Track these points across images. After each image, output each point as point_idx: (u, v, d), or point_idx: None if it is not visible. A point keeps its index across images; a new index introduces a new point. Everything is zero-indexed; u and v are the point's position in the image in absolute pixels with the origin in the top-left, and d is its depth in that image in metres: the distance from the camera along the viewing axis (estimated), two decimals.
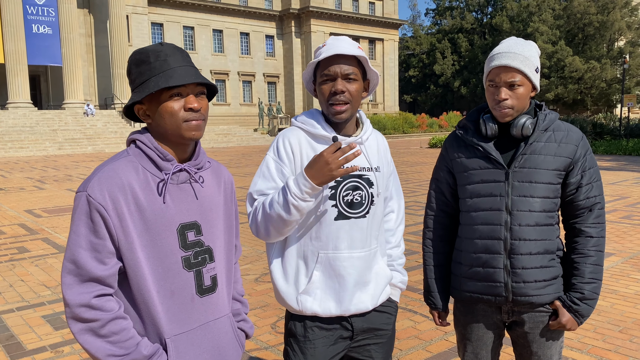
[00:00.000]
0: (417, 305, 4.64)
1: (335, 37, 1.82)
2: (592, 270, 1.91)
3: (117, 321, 1.38)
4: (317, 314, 1.81)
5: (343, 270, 1.80)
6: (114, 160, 1.45)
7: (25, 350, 3.87)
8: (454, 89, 64.88)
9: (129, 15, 43.50)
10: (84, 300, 1.35)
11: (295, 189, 1.65)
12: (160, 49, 1.46)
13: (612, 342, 3.78)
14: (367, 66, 1.83)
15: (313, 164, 1.64)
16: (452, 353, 3.66)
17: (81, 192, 1.39)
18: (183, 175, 1.50)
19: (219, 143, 35.94)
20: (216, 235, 1.57)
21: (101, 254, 1.37)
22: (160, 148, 1.46)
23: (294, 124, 1.87)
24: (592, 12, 52.58)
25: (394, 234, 2.03)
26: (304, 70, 1.87)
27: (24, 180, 16.28)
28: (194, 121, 1.46)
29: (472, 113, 2.07)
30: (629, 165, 16.62)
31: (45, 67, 41.90)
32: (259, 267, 6.00)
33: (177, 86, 1.43)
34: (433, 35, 70.99)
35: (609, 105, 56.51)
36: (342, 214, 1.79)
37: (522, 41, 1.91)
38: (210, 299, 1.54)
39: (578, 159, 1.91)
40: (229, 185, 1.67)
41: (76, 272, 1.37)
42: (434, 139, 29.40)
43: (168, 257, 1.45)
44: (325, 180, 1.63)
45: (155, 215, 1.43)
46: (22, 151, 28.90)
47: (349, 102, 1.77)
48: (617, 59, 54.22)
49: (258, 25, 54.26)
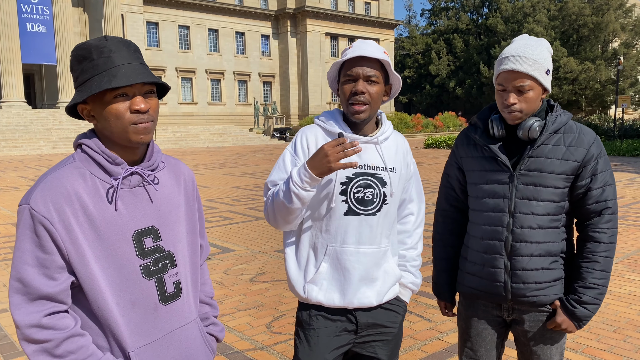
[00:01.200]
0: (413, 305, 4.64)
1: (363, 40, 1.88)
2: (596, 275, 1.88)
3: (74, 339, 1.29)
4: (321, 303, 1.86)
5: (349, 264, 1.85)
6: (58, 168, 1.34)
7: (18, 350, 3.85)
8: (450, 89, 65.01)
9: (124, 14, 43.33)
10: (33, 321, 1.26)
11: (296, 178, 1.71)
12: (104, 44, 1.34)
13: (606, 342, 3.79)
14: (390, 71, 1.88)
15: (314, 155, 1.70)
16: (447, 353, 3.66)
17: (24, 204, 1.29)
18: (135, 179, 1.40)
19: (214, 143, 35.87)
20: (177, 238, 1.50)
21: (49, 270, 1.28)
22: (108, 152, 1.36)
23: (315, 122, 1.96)
24: (587, 13, 52.81)
25: (411, 235, 2.06)
26: (329, 70, 1.92)
27: (17, 179, 16.19)
28: (142, 124, 1.34)
29: (484, 111, 2.06)
30: (622, 166, 16.70)
31: (40, 65, 41.69)
32: (253, 267, 5.99)
33: (121, 87, 1.31)
34: (428, 35, 71.12)
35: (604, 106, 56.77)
36: (352, 210, 1.85)
37: (533, 42, 1.86)
38: (174, 306, 1.47)
39: (588, 162, 1.87)
40: (189, 182, 1.59)
41: (24, 291, 1.27)
42: (429, 139, 29.44)
43: (125, 267, 1.36)
44: (324, 172, 1.68)
45: (107, 223, 1.34)
46: (16, 150, 28.75)
47: (369, 103, 1.82)
48: (612, 60, 54.48)
49: (254, 25, 54.18)
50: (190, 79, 49.63)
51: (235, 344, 3.89)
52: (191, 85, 49.73)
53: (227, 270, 5.88)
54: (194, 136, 36.52)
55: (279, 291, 5.11)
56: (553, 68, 52.47)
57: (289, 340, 3.93)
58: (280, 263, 6.15)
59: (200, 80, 50.23)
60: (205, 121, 48.91)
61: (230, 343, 3.91)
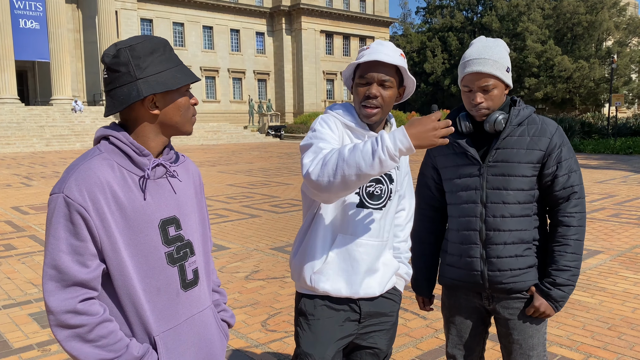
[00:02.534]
0: (408, 303, 4.64)
1: (380, 42, 1.87)
2: (568, 258, 1.98)
3: (105, 324, 1.35)
4: (328, 292, 1.89)
5: (358, 255, 1.89)
6: (86, 159, 1.40)
7: (11, 348, 3.82)
8: (444, 87, 65.09)
9: (118, 10, 43.09)
10: (69, 307, 1.31)
11: (389, 142, 1.55)
12: (166, 42, 1.48)
13: (600, 340, 3.80)
14: (405, 74, 1.89)
15: (417, 124, 1.57)
16: (442, 351, 3.66)
17: (57, 193, 1.34)
18: (160, 170, 1.49)
19: (208, 140, 35.77)
20: (194, 228, 1.58)
21: (83, 257, 1.34)
22: (136, 144, 1.43)
23: (329, 113, 1.93)
24: (581, 12, 52.97)
25: (403, 229, 2.12)
26: (344, 69, 1.93)
27: (10, 176, 16.09)
28: (194, 116, 1.53)
29: (453, 112, 2.18)
30: (616, 164, 16.78)
31: (33, 62, 41.42)
32: (248, 265, 5.97)
33: (193, 82, 1.48)
34: (423, 33, 71.15)
35: (597, 104, 57.00)
36: (362, 203, 1.88)
37: (491, 42, 1.99)
38: (193, 292, 1.55)
39: (552, 150, 1.99)
40: (197, 177, 1.67)
41: (58, 278, 1.33)
42: None
43: (152, 254, 1.43)
44: (425, 144, 1.57)
45: (136, 212, 1.41)
46: (8, 147, 28.56)
47: (381, 106, 1.84)
48: (606, 59, 54.68)
49: (248, 22, 54.04)
50: None
51: (231, 342, 3.88)
52: None
53: (222, 268, 5.86)
54: None
55: (274, 289, 5.10)
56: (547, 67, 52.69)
57: (284, 338, 3.92)
58: (275, 261, 6.13)
59: None
60: (199, 118, 48.75)
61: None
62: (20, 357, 3.66)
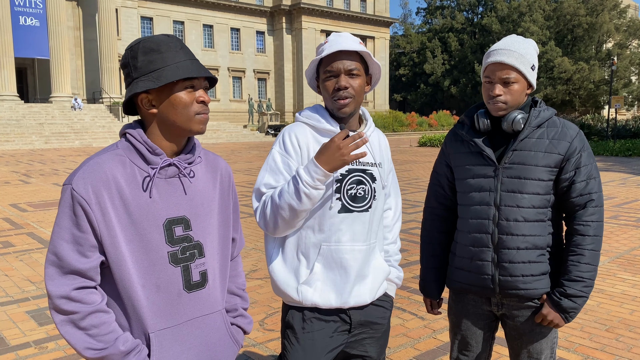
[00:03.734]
0: (406, 303, 4.64)
1: (337, 33, 1.84)
2: (582, 268, 1.90)
3: (98, 314, 1.39)
4: (317, 305, 1.82)
5: (345, 262, 1.82)
6: (101, 154, 1.44)
7: (8, 346, 3.81)
8: (444, 88, 65.12)
9: (118, 8, 43.07)
10: (63, 292, 1.36)
11: (306, 176, 1.65)
12: (169, 40, 1.46)
13: (598, 341, 3.80)
14: (369, 60, 1.86)
15: (324, 150, 1.65)
16: (440, 351, 3.65)
17: (67, 184, 1.39)
18: (172, 170, 1.48)
19: (208, 139, 35.76)
20: (208, 230, 1.55)
21: (83, 247, 1.38)
22: (149, 142, 1.44)
23: (298, 119, 1.90)
24: (582, 13, 53.04)
25: (391, 230, 2.06)
26: (307, 68, 1.89)
27: (9, 174, 16.07)
28: (204, 114, 1.47)
29: (471, 109, 2.11)
30: (615, 166, 16.79)
31: (33, 59, 41.37)
32: (247, 264, 5.97)
33: (193, 78, 1.43)
34: (424, 34, 71.18)
35: (597, 106, 57.07)
36: (346, 207, 1.82)
37: (521, 39, 1.93)
38: (199, 294, 1.52)
39: (571, 155, 1.91)
40: (226, 177, 1.65)
41: (58, 264, 1.38)
42: (423, 137, 29.47)
43: (153, 252, 1.44)
44: (337, 166, 1.65)
45: (141, 209, 1.42)
46: (7, 144, 28.53)
47: (352, 97, 1.80)
48: (606, 61, 54.76)
49: (249, 21, 54.04)
50: None
51: None
52: None
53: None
54: None
55: (272, 288, 5.09)
56: (547, 68, 52.71)
57: None
58: None
59: None
60: None
61: None
62: (17, 355, 3.65)
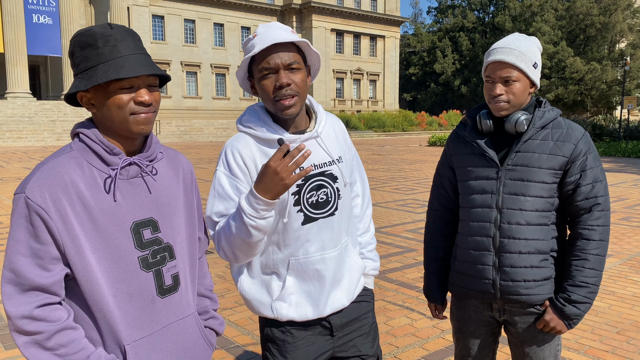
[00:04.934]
0: (414, 303, 4.63)
1: (266, 24, 1.63)
2: (586, 274, 1.85)
3: (65, 332, 1.27)
4: (294, 319, 1.71)
5: (317, 273, 1.71)
6: (55, 157, 1.31)
7: None
8: (455, 87, 64.82)
9: (129, 7, 43.33)
10: (25, 312, 1.23)
11: (249, 209, 1.48)
12: (109, 32, 1.30)
13: (609, 344, 3.77)
14: (307, 50, 1.67)
15: (261, 177, 1.46)
16: (448, 351, 3.64)
17: (19, 193, 1.25)
18: (133, 169, 1.37)
19: (218, 137, 35.90)
20: (176, 230, 1.46)
21: (43, 260, 1.25)
22: (106, 141, 1.33)
23: (240, 129, 1.70)
24: (594, 13, 52.51)
25: (362, 219, 1.93)
26: (237, 69, 1.68)
27: (21, 170, 16.23)
28: (143, 114, 1.32)
29: (474, 110, 2.06)
30: (627, 167, 16.62)
31: (45, 57, 41.74)
32: None
33: (128, 78, 1.28)
34: (434, 33, 70.88)
35: (609, 107, 56.51)
36: (309, 217, 1.67)
37: (522, 37, 1.88)
38: (172, 299, 1.44)
39: (576, 158, 1.85)
40: (188, 174, 1.55)
41: (16, 282, 1.24)
42: (433, 137, 29.37)
43: (123, 259, 1.33)
44: (279, 192, 1.46)
45: (105, 214, 1.31)
46: (20, 141, 28.82)
47: (297, 94, 1.60)
48: (618, 61, 54.18)
49: (259, 20, 54.11)
50: (195, 73, 49.62)
51: (236, 338, 3.89)
52: (196, 79, 49.74)
53: (226, 266, 5.87)
54: (198, 130, 36.54)
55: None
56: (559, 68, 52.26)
57: None
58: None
59: (205, 75, 50.22)
60: (209, 115, 48.92)
61: (231, 337, 3.91)
62: None
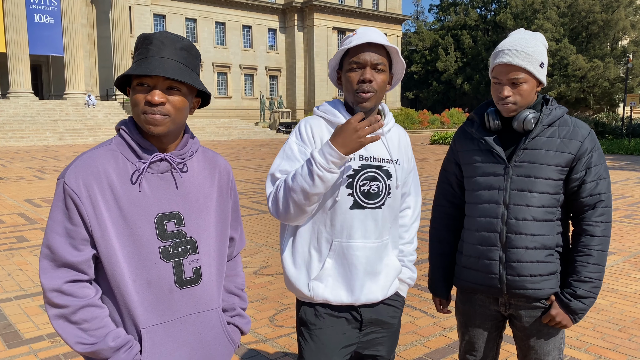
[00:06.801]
0: (416, 301, 4.63)
1: (366, 27, 1.83)
2: (590, 269, 1.89)
3: (89, 309, 1.38)
4: (329, 301, 1.81)
5: (355, 259, 1.81)
6: (95, 149, 1.45)
7: (22, 339, 3.86)
8: (457, 85, 64.74)
9: (131, 6, 43.37)
10: (55, 285, 1.37)
11: (320, 159, 1.63)
12: (154, 35, 1.42)
13: (611, 341, 3.76)
14: (395, 58, 1.84)
15: (340, 132, 1.62)
16: (450, 349, 3.64)
17: (60, 179, 1.41)
18: (164, 165, 1.47)
19: (219, 136, 35.90)
20: (203, 227, 1.53)
21: (75, 241, 1.38)
22: (140, 138, 1.45)
23: (315, 113, 1.90)
24: (597, 10, 52.35)
25: (408, 230, 2.03)
26: (332, 57, 1.83)
27: (24, 169, 16.27)
28: (150, 115, 1.39)
29: (481, 106, 2.09)
30: (630, 165, 16.59)
31: (47, 57, 41.82)
32: (257, 260, 5.99)
33: (143, 75, 1.37)
34: (436, 31, 70.77)
35: (612, 104, 56.36)
36: (358, 204, 1.79)
37: (528, 35, 1.89)
38: (192, 291, 1.50)
39: (582, 155, 1.89)
40: (224, 175, 1.63)
41: (51, 257, 1.39)
42: (435, 135, 29.35)
43: (144, 247, 1.43)
44: (354, 148, 1.62)
45: (131, 203, 1.41)
46: (22, 141, 28.88)
47: (375, 92, 1.77)
48: (621, 58, 54.02)
49: (261, 19, 54.11)
50: None
51: None
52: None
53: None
54: (200, 129, 36.56)
55: (282, 284, 5.11)
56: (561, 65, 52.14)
57: (292, 333, 3.93)
58: None
59: (206, 74, 50.24)
60: (211, 114, 48.95)
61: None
62: (31, 348, 3.70)
